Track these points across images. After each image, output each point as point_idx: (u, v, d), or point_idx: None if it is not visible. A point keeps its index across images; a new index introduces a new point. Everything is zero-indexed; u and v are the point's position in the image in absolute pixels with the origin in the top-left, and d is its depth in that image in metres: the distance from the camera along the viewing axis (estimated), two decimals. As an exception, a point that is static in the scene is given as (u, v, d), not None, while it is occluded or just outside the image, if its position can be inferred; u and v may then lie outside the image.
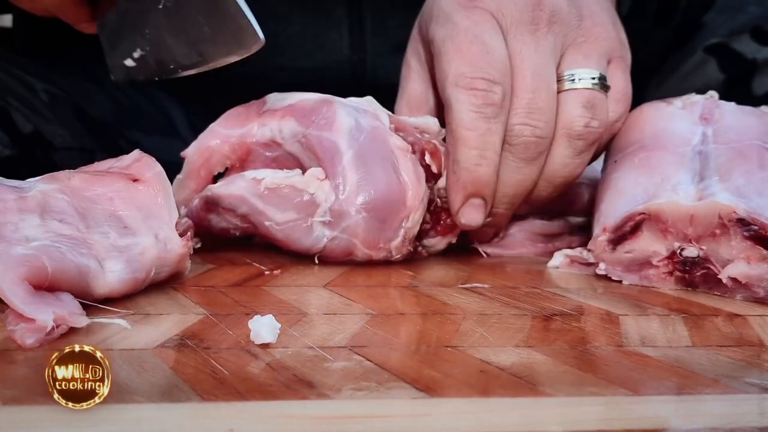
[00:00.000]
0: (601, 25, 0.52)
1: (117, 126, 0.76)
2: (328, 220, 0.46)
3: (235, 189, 0.47)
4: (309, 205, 0.46)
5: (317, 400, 0.28)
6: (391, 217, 0.47)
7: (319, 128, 0.47)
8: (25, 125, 0.67)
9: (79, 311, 0.34)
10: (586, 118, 0.50)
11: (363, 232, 0.46)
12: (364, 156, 0.46)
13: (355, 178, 0.46)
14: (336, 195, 0.46)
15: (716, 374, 0.31)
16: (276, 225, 0.47)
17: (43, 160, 0.68)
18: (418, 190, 0.47)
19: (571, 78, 0.50)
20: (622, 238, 0.46)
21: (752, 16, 0.73)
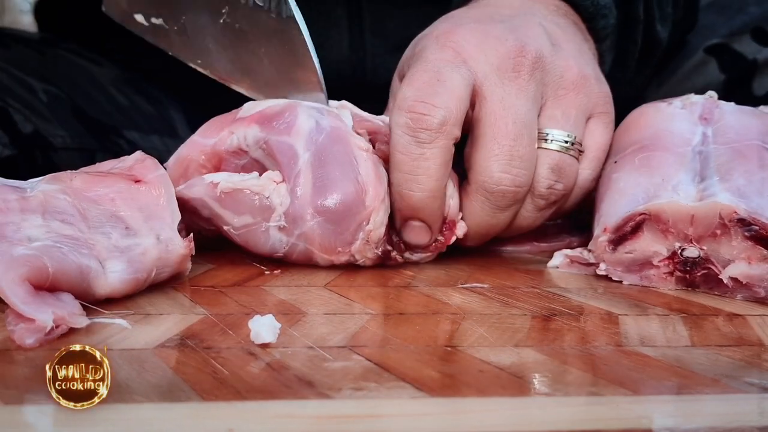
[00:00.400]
0: (584, 78, 0.51)
1: (116, 126, 0.76)
2: (283, 225, 0.45)
3: (194, 192, 0.47)
4: (265, 209, 0.46)
5: (317, 400, 0.28)
6: (348, 220, 0.45)
7: (278, 132, 0.47)
8: (25, 125, 0.67)
9: (79, 311, 0.34)
10: (551, 181, 0.49)
11: (318, 238, 0.45)
12: (322, 157, 0.46)
13: (310, 180, 0.45)
14: (291, 199, 0.45)
15: (716, 374, 0.31)
16: (234, 230, 0.46)
17: (43, 160, 0.68)
18: (378, 190, 0.46)
19: (545, 136, 0.49)
20: (623, 239, 0.46)
21: (753, 17, 0.73)
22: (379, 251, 0.47)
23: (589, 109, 0.51)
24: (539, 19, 0.52)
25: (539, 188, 0.50)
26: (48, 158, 0.69)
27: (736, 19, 0.74)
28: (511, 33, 0.50)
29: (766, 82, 0.70)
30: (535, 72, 0.49)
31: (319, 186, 0.45)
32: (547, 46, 0.50)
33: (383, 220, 0.46)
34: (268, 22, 0.50)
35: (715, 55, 0.73)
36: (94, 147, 0.73)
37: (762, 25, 0.72)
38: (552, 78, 0.50)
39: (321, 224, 0.45)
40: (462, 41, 0.49)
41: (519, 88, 0.49)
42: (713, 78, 0.73)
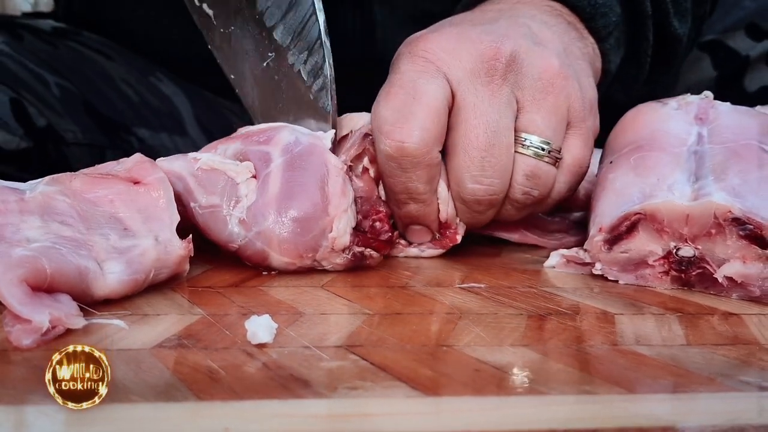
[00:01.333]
0: (564, 78, 0.50)
1: (126, 124, 0.76)
2: (243, 218, 0.45)
3: (175, 165, 0.47)
4: (233, 196, 0.46)
5: (313, 399, 0.28)
6: (310, 225, 0.45)
7: (257, 144, 0.48)
8: (38, 119, 0.67)
9: (76, 312, 0.34)
10: (526, 188, 0.50)
11: (277, 240, 0.45)
12: (294, 164, 0.46)
13: (279, 182, 0.46)
14: (258, 196, 0.45)
15: (711, 373, 0.32)
16: (199, 208, 0.46)
17: (56, 154, 0.68)
18: (341, 201, 0.46)
19: (523, 142, 0.49)
20: (618, 238, 0.46)
21: (748, 12, 0.73)
22: (348, 256, 0.47)
23: (569, 114, 0.51)
24: (525, 19, 0.52)
25: (515, 194, 0.50)
26: (60, 153, 0.69)
27: (731, 14, 0.74)
28: (488, 35, 0.49)
29: (758, 78, 0.70)
30: (509, 75, 0.49)
31: (286, 189, 0.46)
32: (526, 45, 0.49)
33: (346, 229, 0.46)
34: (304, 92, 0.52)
35: (708, 52, 0.73)
36: (105, 144, 0.74)
37: (756, 21, 0.72)
38: (529, 80, 0.49)
39: (282, 225, 0.45)
40: (435, 48, 0.49)
41: (492, 93, 0.48)
42: (706, 74, 0.72)
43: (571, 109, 0.51)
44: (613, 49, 0.59)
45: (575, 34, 0.55)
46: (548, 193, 0.51)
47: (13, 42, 0.73)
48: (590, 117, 0.52)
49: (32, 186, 0.40)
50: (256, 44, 0.54)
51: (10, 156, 0.64)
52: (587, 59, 0.55)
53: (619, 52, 0.60)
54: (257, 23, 0.53)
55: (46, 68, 0.72)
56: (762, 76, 0.71)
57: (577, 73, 0.52)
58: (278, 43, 0.52)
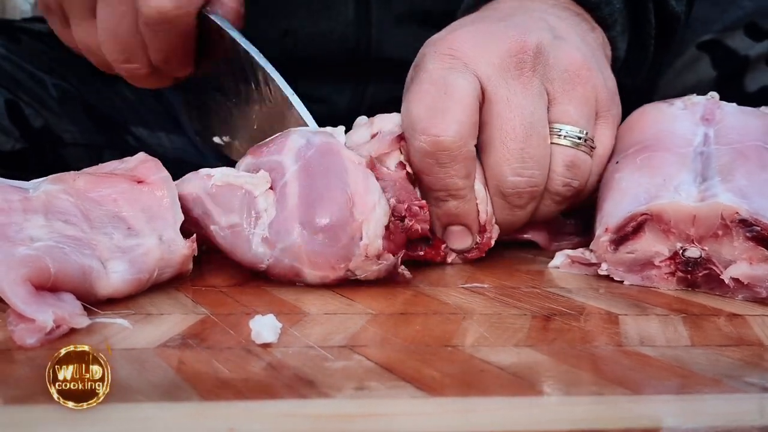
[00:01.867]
0: (588, 69, 0.51)
1: (124, 123, 0.76)
2: (266, 236, 0.42)
3: (189, 186, 0.45)
4: (253, 211, 0.43)
5: (318, 400, 0.28)
6: (339, 234, 0.42)
7: (268, 154, 0.46)
8: (35, 120, 0.67)
9: (80, 312, 0.34)
10: (566, 178, 0.50)
11: (306, 254, 0.42)
12: (310, 169, 0.44)
13: (297, 191, 0.43)
14: (278, 210, 0.43)
15: (716, 374, 0.31)
16: (220, 230, 0.44)
17: (53, 155, 0.68)
18: (366, 200, 0.43)
19: (558, 132, 0.49)
20: (625, 239, 0.46)
21: (746, 11, 0.72)
22: (382, 266, 0.44)
23: (596, 104, 0.51)
24: (540, 14, 0.52)
25: (555, 186, 0.50)
26: (57, 153, 0.69)
27: (730, 13, 0.73)
28: (511, 29, 0.49)
29: (758, 78, 0.70)
30: (538, 67, 0.49)
31: (306, 198, 0.43)
32: (548, 38, 0.50)
33: (377, 232, 0.43)
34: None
35: (707, 52, 0.73)
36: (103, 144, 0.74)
37: (755, 20, 0.72)
38: (556, 72, 0.50)
39: (309, 239, 0.42)
40: (460, 45, 0.49)
41: (523, 85, 0.48)
42: (705, 75, 0.72)
43: (598, 99, 0.51)
44: (620, 36, 0.59)
45: (586, 25, 0.56)
46: (585, 185, 0.51)
47: (11, 44, 0.73)
48: (614, 106, 0.53)
49: (36, 185, 0.40)
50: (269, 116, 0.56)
51: (6, 157, 0.65)
52: (600, 49, 0.56)
53: (625, 38, 0.60)
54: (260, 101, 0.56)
55: (43, 69, 0.72)
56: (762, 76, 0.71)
57: (598, 64, 0.52)
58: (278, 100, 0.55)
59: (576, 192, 0.51)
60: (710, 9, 0.74)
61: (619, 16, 0.58)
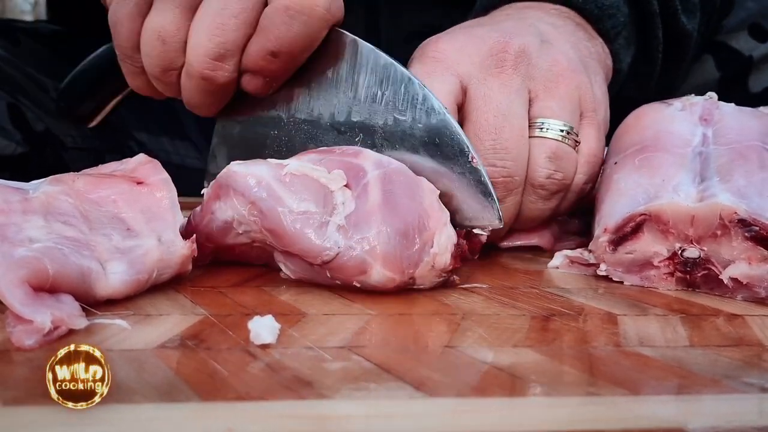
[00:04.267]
0: (573, 72, 0.51)
1: (126, 127, 0.76)
2: (342, 224, 0.42)
3: (255, 169, 0.44)
4: (329, 203, 0.43)
5: (316, 400, 0.28)
6: (414, 236, 0.42)
7: (343, 155, 0.45)
8: (37, 124, 0.67)
9: (78, 313, 0.34)
10: (550, 170, 0.50)
11: (383, 248, 0.41)
12: (390, 179, 0.44)
13: (379, 192, 0.43)
14: (357, 205, 0.42)
15: (715, 374, 0.31)
16: (290, 213, 0.42)
17: (54, 159, 0.68)
18: (440, 215, 0.44)
19: (540, 126, 0.50)
20: (623, 239, 0.46)
21: (750, 12, 0.73)
22: (441, 280, 0.44)
23: (581, 104, 0.52)
24: (532, 21, 0.53)
25: (538, 178, 0.50)
26: (59, 157, 0.69)
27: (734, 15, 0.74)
28: (495, 32, 0.50)
29: (762, 79, 0.70)
30: (520, 66, 0.49)
31: (387, 200, 0.43)
32: (535, 41, 0.51)
33: (447, 246, 0.43)
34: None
35: (711, 53, 0.73)
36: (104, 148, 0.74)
37: (759, 21, 0.72)
38: (539, 71, 0.50)
39: (388, 234, 0.42)
40: (444, 48, 0.50)
41: (502, 82, 0.49)
42: (710, 75, 0.73)
43: (583, 100, 0.51)
44: (623, 49, 0.60)
45: (583, 34, 0.56)
46: (572, 179, 0.51)
47: (11, 46, 0.73)
48: (601, 110, 0.53)
49: (35, 186, 0.40)
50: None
51: (8, 161, 0.65)
52: (596, 58, 0.56)
53: (630, 51, 0.61)
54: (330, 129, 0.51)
55: (44, 72, 0.72)
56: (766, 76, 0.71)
57: (586, 68, 0.53)
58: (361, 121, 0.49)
59: (561, 186, 0.51)
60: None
61: (624, 29, 0.59)
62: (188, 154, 0.83)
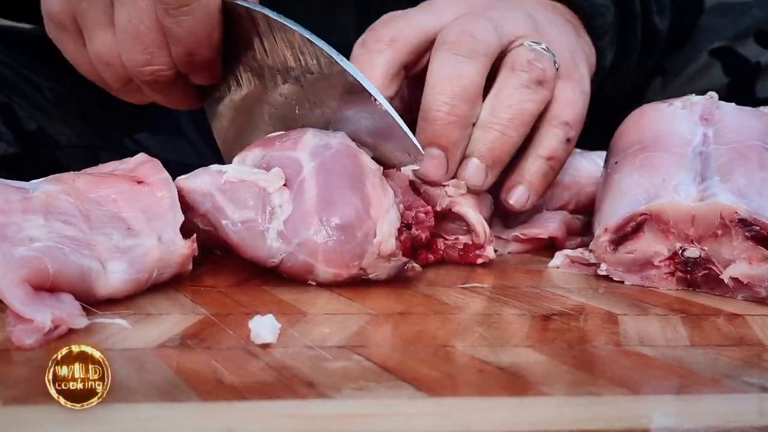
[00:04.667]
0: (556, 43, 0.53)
1: (122, 125, 0.76)
2: (282, 231, 0.42)
3: (199, 182, 0.44)
4: (267, 207, 0.43)
5: (317, 400, 0.28)
6: (354, 231, 0.42)
7: (282, 149, 0.45)
8: (28, 123, 0.67)
9: (78, 312, 0.34)
10: (530, 57, 0.50)
11: (323, 249, 0.42)
12: (328, 168, 0.44)
13: (314, 188, 0.43)
14: (294, 207, 0.43)
15: (715, 374, 0.31)
16: (232, 225, 0.43)
17: (48, 158, 0.68)
18: (382, 201, 0.44)
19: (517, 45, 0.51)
20: (624, 239, 0.46)
21: (756, 19, 0.74)
22: (392, 265, 0.44)
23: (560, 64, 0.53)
24: (526, 8, 0.54)
25: (519, 60, 0.50)
26: (53, 156, 0.69)
27: (740, 22, 0.75)
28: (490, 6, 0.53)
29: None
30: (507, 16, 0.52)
31: (324, 196, 0.43)
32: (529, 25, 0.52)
33: (390, 231, 0.43)
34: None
35: (719, 58, 0.74)
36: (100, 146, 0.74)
37: (765, 29, 0.73)
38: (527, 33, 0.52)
39: (325, 234, 0.42)
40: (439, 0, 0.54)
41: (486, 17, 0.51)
42: (717, 81, 0.73)
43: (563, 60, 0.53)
44: (608, 47, 0.62)
45: (572, 29, 0.58)
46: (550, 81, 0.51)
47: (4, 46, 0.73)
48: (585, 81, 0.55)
49: (35, 185, 0.40)
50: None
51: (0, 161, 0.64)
52: (582, 54, 0.58)
53: (612, 49, 0.63)
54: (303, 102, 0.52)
55: (38, 72, 0.72)
56: None
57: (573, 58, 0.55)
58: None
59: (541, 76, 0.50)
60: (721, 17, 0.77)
61: (610, 28, 0.61)
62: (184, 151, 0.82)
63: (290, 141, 0.46)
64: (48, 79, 0.72)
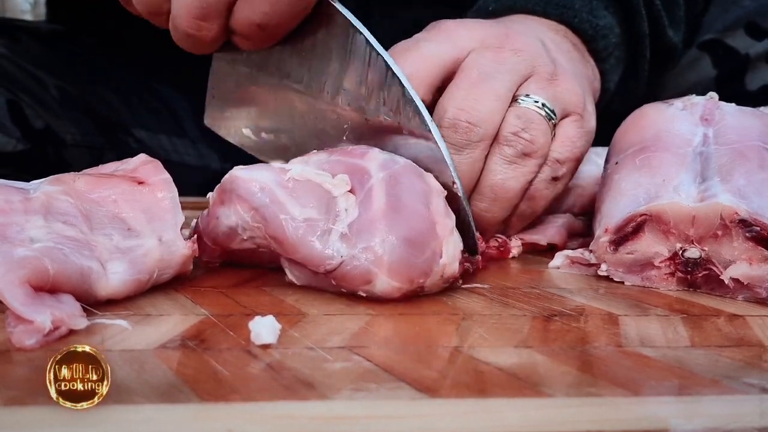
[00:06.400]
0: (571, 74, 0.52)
1: (125, 125, 0.76)
2: (345, 233, 0.41)
3: (257, 174, 0.43)
4: (332, 210, 0.42)
5: (317, 401, 0.28)
6: (423, 246, 0.41)
7: (350, 156, 0.45)
8: (36, 121, 0.67)
9: (78, 313, 0.34)
10: (516, 127, 0.50)
11: (389, 258, 0.40)
12: (395, 181, 0.43)
13: (384, 197, 0.41)
14: (360, 212, 0.41)
15: (716, 375, 0.31)
16: (292, 221, 0.41)
17: (54, 156, 0.68)
18: (446, 221, 0.43)
19: (517, 100, 0.50)
20: (624, 239, 0.46)
21: (747, 11, 0.73)
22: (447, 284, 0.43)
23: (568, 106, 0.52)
24: (537, 33, 0.54)
25: (504, 132, 0.50)
26: (59, 154, 0.69)
27: (731, 13, 0.74)
28: (504, 26, 0.52)
29: (758, 77, 0.70)
30: (520, 53, 0.50)
31: (392, 205, 0.41)
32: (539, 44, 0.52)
33: (455, 254, 0.42)
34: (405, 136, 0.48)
35: (708, 51, 0.74)
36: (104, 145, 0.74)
37: (756, 20, 0.73)
38: (538, 68, 0.51)
39: (392, 244, 0.40)
40: (449, 25, 0.51)
41: (497, 56, 0.50)
42: (706, 74, 0.73)
43: (571, 102, 0.52)
44: (613, 69, 0.61)
45: (578, 55, 0.58)
46: (540, 147, 0.50)
47: (11, 44, 0.73)
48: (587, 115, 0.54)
49: (36, 186, 0.40)
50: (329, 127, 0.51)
51: (8, 158, 0.64)
52: (587, 79, 0.57)
53: (618, 70, 0.62)
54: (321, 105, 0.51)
55: (44, 70, 0.72)
56: (763, 74, 0.72)
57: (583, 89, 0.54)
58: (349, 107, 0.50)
59: (527, 148, 0.50)
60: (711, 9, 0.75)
61: (615, 49, 0.60)
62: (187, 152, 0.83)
63: (358, 151, 0.45)
64: (53, 76, 0.72)
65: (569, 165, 0.53)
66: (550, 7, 0.57)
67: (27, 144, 0.66)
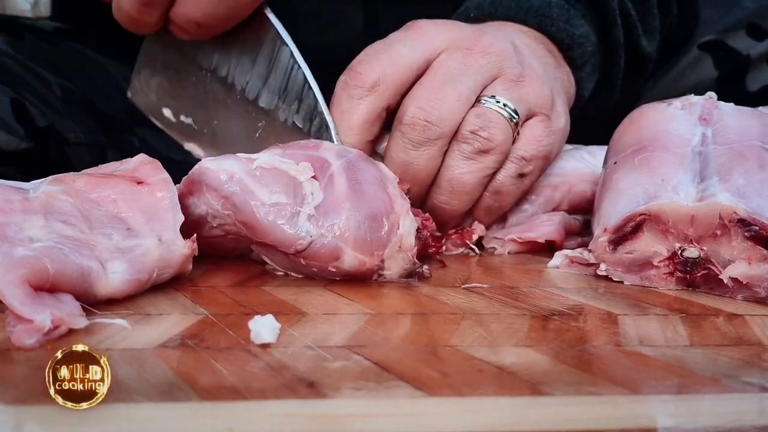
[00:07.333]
0: (539, 79, 0.53)
1: (128, 124, 0.76)
2: (312, 214, 0.44)
3: (226, 164, 0.45)
4: (298, 194, 0.45)
5: (316, 400, 0.28)
6: (382, 220, 0.45)
7: (305, 149, 0.47)
8: (40, 119, 0.67)
9: (78, 312, 0.34)
10: (475, 126, 0.51)
11: (353, 233, 0.43)
12: (353, 167, 0.46)
13: (344, 180, 0.45)
14: (325, 195, 0.44)
15: (715, 374, 0.31)
16: (262, 206, 0.44)
17: (57, 155, 0.68)
18: (402, 203, 0.46)
19: (480, 102, 0.51)
20: (623, 239, 0.46)
21: (747, 12, 0.74)
22: (407, 261, 0.46)
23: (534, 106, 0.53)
24: (511, 37, 0.55)
25: (463, 131, 0.51)
26: (62, 153, 0.69)
27: (731, 14, 0.74)
28: (477, 29, 0.53)
29: (759, 78, 0.71)
30: (489, 56, 0.51)
31: (354, 188, 0.45)
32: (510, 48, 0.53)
33: (411, 229, 0.45)
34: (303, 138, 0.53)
35: (709, 52, 0.74)
36: (107, 144, 0.74)
37: (756, 21, 0.73)
38: (506, 70, 0.52)
39: (355, 221, 0.44)
40: (424, 26, 0.53)
41: (466, 58, 0.51)
42: (707, 75, 0.73)
43: (537, 103, 0.53)
44: (588, 77, 0.62)
45: (552, 61, 0.59)
46: (499, 145, 0.51)
47: (14, 42, 0.73)
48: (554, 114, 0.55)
49: (35, 186, 0.40)
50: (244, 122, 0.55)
51: (11, 156, 0.64)
52: (560, 84, 0.58)
53: (593, 78, 0.63)
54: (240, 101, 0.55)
55: (47, 68, 0.72)
56: (763, 75, 0.72)
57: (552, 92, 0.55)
58: (266, 108, 0.54)
59: (485, 146, 0.51)
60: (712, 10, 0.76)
61: (591, 58, 0.61)
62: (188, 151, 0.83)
63: (311, 144, 0.48)
64: (56, 74, 0.72)
65: (536, 162, 0.54)
66: (529, 16, 0.59)
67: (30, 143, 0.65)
